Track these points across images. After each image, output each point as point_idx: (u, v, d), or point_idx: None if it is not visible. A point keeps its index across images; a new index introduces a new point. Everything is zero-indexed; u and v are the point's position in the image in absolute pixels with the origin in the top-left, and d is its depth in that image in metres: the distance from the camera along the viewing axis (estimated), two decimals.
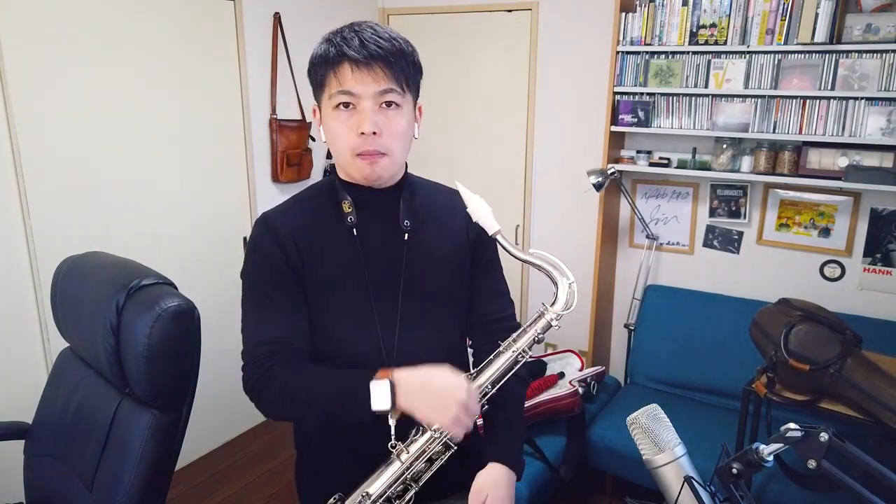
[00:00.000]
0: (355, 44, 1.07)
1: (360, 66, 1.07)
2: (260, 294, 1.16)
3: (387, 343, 1.16)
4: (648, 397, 2.72)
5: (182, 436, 1.48)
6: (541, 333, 1.11)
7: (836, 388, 2.03)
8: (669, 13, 2.74)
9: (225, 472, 2.94)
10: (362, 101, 1.08)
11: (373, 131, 1.08)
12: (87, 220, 2.43)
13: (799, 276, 2.86)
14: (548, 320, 1.11)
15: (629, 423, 0.98)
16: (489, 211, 1.10)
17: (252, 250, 1.18)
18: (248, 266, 1.18)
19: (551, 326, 1.11)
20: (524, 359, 1.12)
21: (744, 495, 0.89)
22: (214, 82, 2.86)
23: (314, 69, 1.13)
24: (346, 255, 1.16)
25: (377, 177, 1.14)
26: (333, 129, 1.11)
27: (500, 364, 1.11)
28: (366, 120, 1.07)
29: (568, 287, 1.11)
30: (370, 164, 1.11)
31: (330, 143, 1.14)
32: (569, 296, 1.11)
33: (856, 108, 2.46)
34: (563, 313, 1.10)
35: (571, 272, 1.13)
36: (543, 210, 3.46)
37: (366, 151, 1.10)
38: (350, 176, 1.16)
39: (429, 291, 1.21)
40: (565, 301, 1.11)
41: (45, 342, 2.36)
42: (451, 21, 3.50)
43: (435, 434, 1.08)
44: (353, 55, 1.06)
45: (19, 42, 2.17)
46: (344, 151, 1.11)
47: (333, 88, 1.08)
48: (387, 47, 1.08)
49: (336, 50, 1.07)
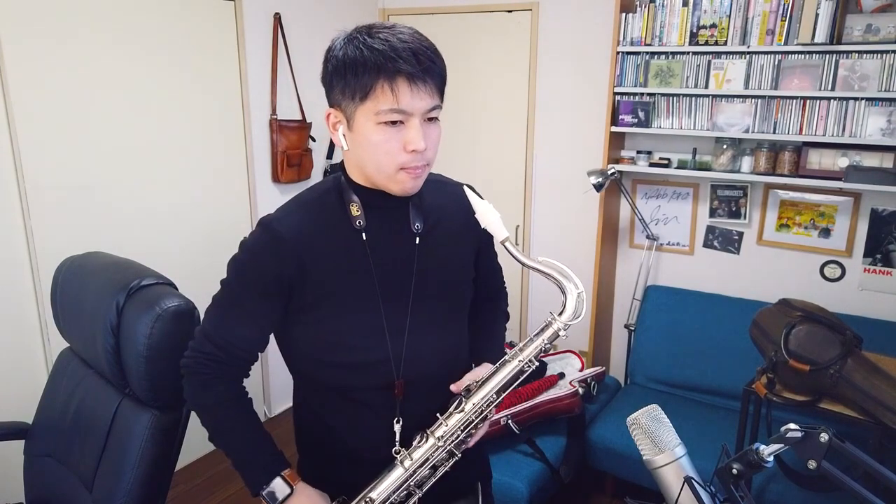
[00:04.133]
0: (408, 55, 0.99)
1: (417, 82, 1.00)
2: (234, 300, 1.13)
3: (395, 351, 1.14)
4: (648, 397, 2.73)
5: (182, 436, 1.49)
6: (548, 343, 1.10)
7: (836, 389, 2.03)
8: (669, 13, 2.74)
9: (225, 472, 2.93)
10: (413, 119, 1.02)
11: (424, 147, 1.04)
12: (87, 220, 2.43)
13: (799, 276, 2.86)
14: (555, 330, 1.09)
15: (629, 424, 0.98)
16: (498, 217, 1.08)
17: (246, 255, 1.12)
18: (237, 268, 1.13)
19: (558, 336, 1.09)
20: (530, 368, 1.11)
21: (744, 496, 0.89)
22: (214, 82, 2.86)
23: (350, 75, 1.00)
24: (355, 261, 1.12)
25: (417, 189, 1.10)
26: (377, 145, 1.02)
27: (505, 373, 1.10)
28: (418, 137, 1.02)
29: (577, 296, 1.08)
30: (414, 178, 1.06)
31: (367, 156, 1.05)
32: (577, 304, 1.08)
33: (856, 109, 2.46)
34: (572, 323, 1.08)
35: (571, 270, 1.11)
36: (543, 210, 3.46)
37: (414, 167, 1.05)
38: (387, 188, 1.09)
39: (439, 296, 1.19)
40: (574, 310, 1.08)
41: (45, 342, 2.36)
42: (451, 21, 3.50)
43: (439, 442, 1.08)
44: (409, 70, 0.98)
45: (20, 43, 2.17)
46: (388, 167, 1.04)
47: (385, 105, 0.99)
48: (434, 59, 1.03)
49: (389, 61, 0.98)
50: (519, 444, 2.42)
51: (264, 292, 1.10)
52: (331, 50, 1.05)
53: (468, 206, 1.11)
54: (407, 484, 1.09)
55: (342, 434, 1.20)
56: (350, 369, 1.14)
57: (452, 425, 1.09)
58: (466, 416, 1.09)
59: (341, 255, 1.11)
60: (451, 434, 1.09)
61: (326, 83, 1.07)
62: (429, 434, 1.09)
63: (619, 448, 2.52)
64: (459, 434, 1.10)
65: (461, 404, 1.10)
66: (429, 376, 1.16)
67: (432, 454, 1.08)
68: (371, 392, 1.15)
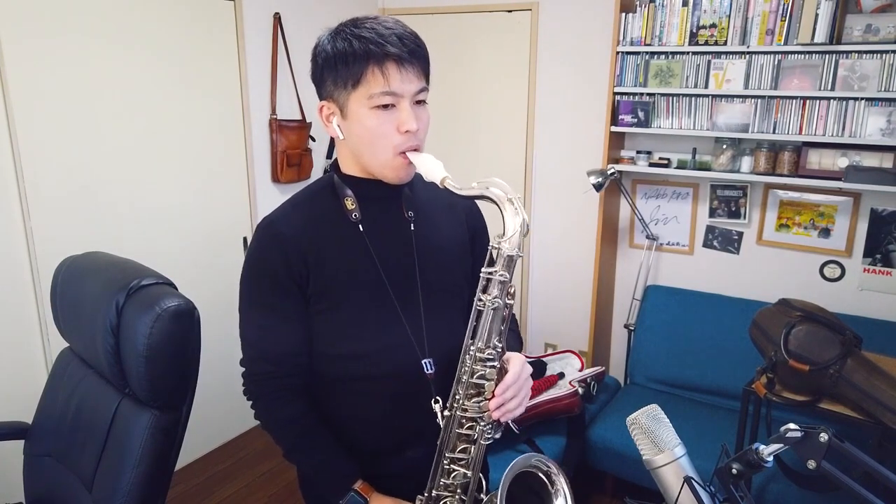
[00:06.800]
0: (394, 40, 1.02)
1: (405, 65, 1.03)
2: (261, 304, 1.13)
3: (416, 336, 1.15)
4: (648, 397, 2.73)
5: (182, 436, 1.49)
6: (504, 272, 1.04)
7: (836, 389, 2.03)
8: (669, 13, 2.74)
9: (225, 472, 2.94)
10: (403, 101, 1.05)
11: (416, 128, 1.07)
12: (87, 221, 2.43)
13: (799, 276, 2.87)
14: (507, 256, 1.03)
15: (629, 424, 0.98)
16: (432, 159, 1.07)
17: (254, 257, 1.14)
18: (250, 273, 1.14)
19: (513, 259, 1.04)
20: (511, 303, 1.07)
21: (744, 496, 0.89)
22: (214, 82, 2.86)
23: (341, 65, 1.04)
24: (356, 253, 1.14)
25: (411, 176, 1.13)
26: (373, 129, 1.06)
27: (486, 320, 1.06)
28: (410, 118, 1.05)
29: (513, 209, 1.02)
30: (408, 164, 1.09)
31: (362, 143, 1.08)
32: (514, 217, 1.02)
33: (856, 109, 2.46)
34: (516, 239, 1.02)
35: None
36: (543, 210, 3.45)
37: (409, 147, 1.08)
38: (382, 175, 1.12)
39: (443, 280, 1.21)
40: (514, 226, 1.02)
41: (45, 342, 2.36)
42: (451, 21, 3.50)
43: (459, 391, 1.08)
44: (397, 53, 1.02)
45: (20, 43, 2.17)
46: (386, 150, 1.07)
47: (376, 88, 1.03)
48: (419, 43, 1.07)
49: (377, 47, 1.02)
50: (519, 443, 2.42)
51: (284, 288, 1.11)
52: (318, 46, 1.09)
53: (458, 204, 1.14)
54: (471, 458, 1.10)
55: (368, 429, 1.19)
56: (370, 359, 1.14)
57: (465, 381, 1.08)
58: (468, 367, 1.08)
59: (342, 249, 1.14)
60: (465, 390, 1.08)
61: (317, 78, 1.11)
62: (444, 406, 1.10)
63: (619, 448, 2.52)
64: (472, 388, 1.08)
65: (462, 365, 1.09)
66: (450, 351, 1.15)
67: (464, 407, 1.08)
68: (398, 379, 1.16)
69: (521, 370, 1.10)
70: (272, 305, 1.13)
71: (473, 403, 1.08)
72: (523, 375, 1.10)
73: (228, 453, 3.07)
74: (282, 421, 1.16)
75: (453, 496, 1.12)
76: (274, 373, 1.15)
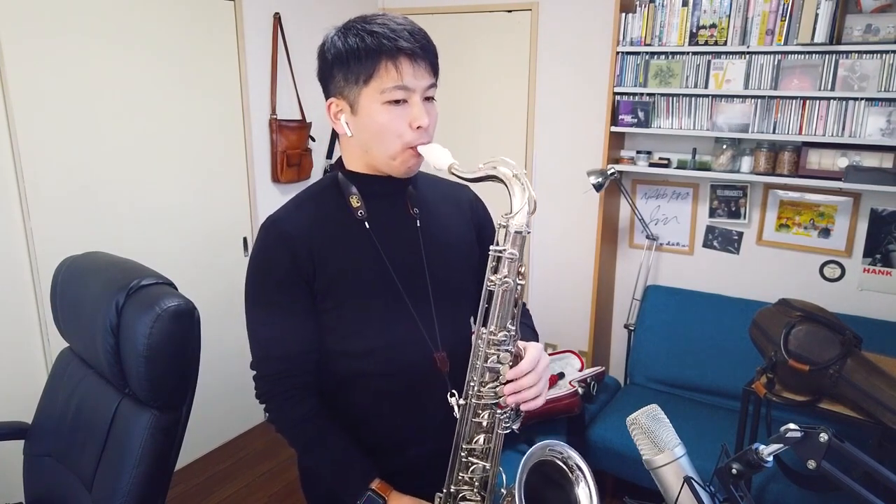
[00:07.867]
0: (406, 35, 1.03)
1: (417, 59, 1.04)
2: (268, 303, 1.12)
3: (428, 331, 1.15)
4: (648, 397, 2.73)
5: (182, 436, 1.48)
6: (514, 250, 1.04)
7: (835, 389, 2.03)
8: (669, 13, 2.74)
9: (225, 472, 2.94)
10: (415, 96, 1.05)
11: (428, 123, 1.07)
12: (87, 221, 2.43)
13: (799, 276, 2.87)
14: (515, 233, 1.03)
15: (629, 424, 0.98)
16: (439, 147, 1.08)
17: (259, 256, 1.13)
18: (256, 272, 1.13)
19: (523, 236, 1.05)
20: (522, 284, 1.05)
21: (743, 496, 0.89)
22: (214, 82, 2.86)
23: (353, 61, 1.04)
24: (362, 251, 1.13)
25: (418, 168, 1.13)
26: (386, 125, 1.05)
27: (497, 302, 1.04)
28: (422, 113, 1.06)
29: (519, 184, 1.03)
30: (416, 156, 1.09)
31: (373, 138, 1.08)
32: (522, 194, 1.03)
33: (856, 109, 2.46)
34: (523, 216, 1.03)
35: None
36: (543, 210, 3.45)
37: (420, 143, 1.08)
38: (389, 169, 1.11)
39: (451, 275, 1.20)
40: (523, 205, 1.02)
41: (45, 342, 2.36)
42: (451, 21, 3.50)
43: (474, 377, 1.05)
44: (409, 47, 1.02)
45: (20, 43, 2.17)
46: (396, 146, 1.07)
47: (389, 83, 1.03)
48: (429, 39, 1.07)
49: (390, 42, 1.02)
50: (518, 443, 2.42)
51: (291, 286, 1.10)
52: (326, 43, 1.08)
53: (464, 198, 1.15)
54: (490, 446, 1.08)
55: (379, 425, 1.19)
56: (383, 354, 1.14)
57: (479, 367, 1.05)
58: (482, 352, 1.05)
59: (348, 246, 1.13)
60: (479, 374, 1.05)
61: (325, 75, 1.10)
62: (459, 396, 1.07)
63: (619, 448, 2.52)
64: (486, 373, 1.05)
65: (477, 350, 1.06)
66: (463, 344, 1.15)
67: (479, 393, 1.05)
68: (412, 375, 1.15)
69: (539, 356, 1.06)
70: (279, 304, 1.12)
71: (489, 389, 1.05)
72: (542, 362, 1.06)
73: (228, 453, 3.08)
74: (295, 420, 1.14)
75: (472, 490, 1.10)
76: (284, 372, 1.14)
